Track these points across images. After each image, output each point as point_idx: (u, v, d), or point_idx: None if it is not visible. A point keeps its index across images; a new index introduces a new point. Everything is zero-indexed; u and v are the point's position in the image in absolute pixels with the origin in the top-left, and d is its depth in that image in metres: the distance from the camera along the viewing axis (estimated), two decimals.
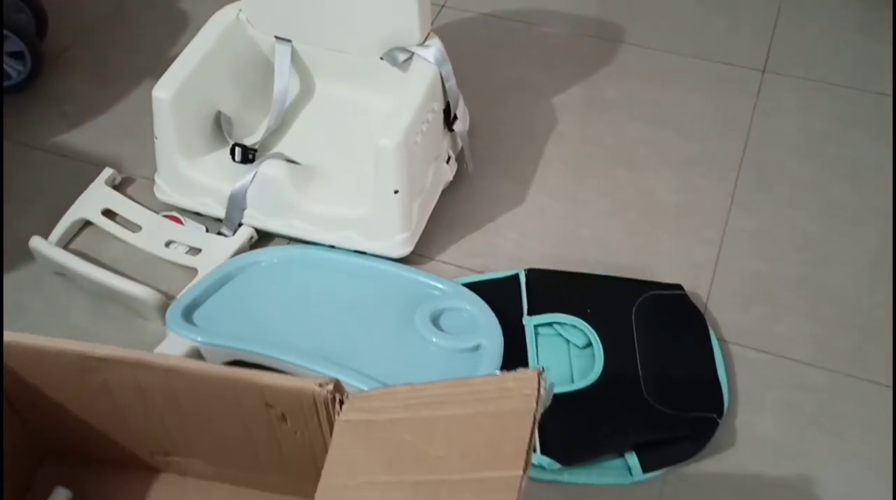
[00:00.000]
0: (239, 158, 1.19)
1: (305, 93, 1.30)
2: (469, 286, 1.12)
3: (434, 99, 1.14)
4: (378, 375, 1.00)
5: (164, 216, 1.22)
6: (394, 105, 1.10)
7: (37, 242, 1.15)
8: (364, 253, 1.16)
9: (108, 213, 1.22)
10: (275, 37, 1.24)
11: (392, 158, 1.06)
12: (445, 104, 1.18)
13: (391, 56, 1.17)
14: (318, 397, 0.72)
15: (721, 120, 1.37)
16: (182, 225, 1.21)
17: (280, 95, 1.24)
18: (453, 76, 1.17)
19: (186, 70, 1.15)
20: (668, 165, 1.31)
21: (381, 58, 1.19)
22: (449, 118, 1.19)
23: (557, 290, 1.12)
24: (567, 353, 1.08)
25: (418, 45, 1.15)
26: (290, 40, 1.23)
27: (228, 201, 1.17)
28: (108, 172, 1.26)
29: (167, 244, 1.18)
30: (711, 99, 1.40)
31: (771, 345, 1.10)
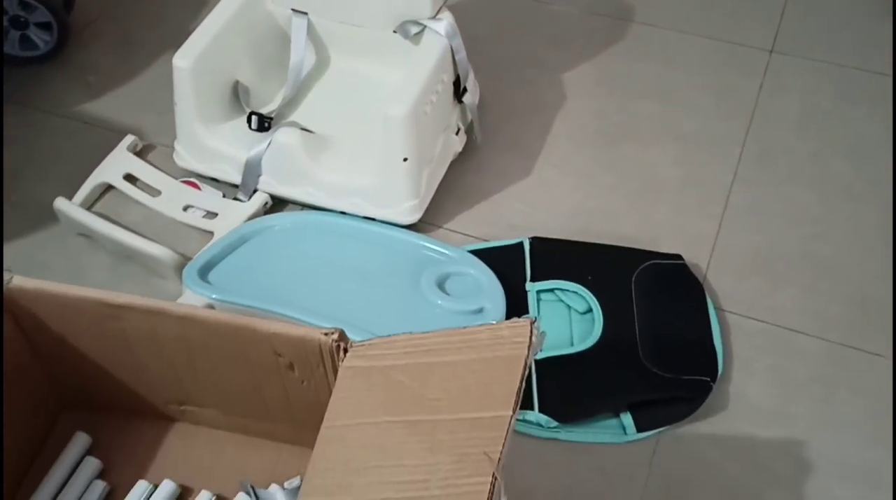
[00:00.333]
0: (255, 127, 1.23)
1: (320, 65, 1.33)
2: (475, 253, 1.15)
3: (444, 70, 1.17)
4: (384, 333, 1.03)
5: (183, 182, 1.26)
6: (405, 77, 1.14)
7: (61, 202, 1.20)
8: (374, 220, 1.20)
9: (130, 177, 1.27)
10: (291, 10, 1.27)
11: (401, 127, 1.10)
12: (455, 76, 1.21)
13: (403, 29, 1.21)
14: (324, 345, 0.76)
15: (727, 98, 1.40)
16: (199, 190, 1.25)
17: (296, 67, 1.28)
18: (464, 49, 1.20)
19: (206, 40, 1.19)
20: (673, 141, 1.34)
21: (395, 31, 1.23)
22: (459, 90, 1.23)
23: (560, 257, 1.16)
24: (568, 318, 1.12)
25: (430, 18, 1.19)
26: (307, 13, 1.27)
27: (244, 168, 1.21)
28: (130, 138, 1.31)
29: (185, 208, 1.23)
30: (718, 77, 1.43)
31: (767, 314, 1.14)
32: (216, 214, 1.21)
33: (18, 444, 0.88)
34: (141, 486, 0.86)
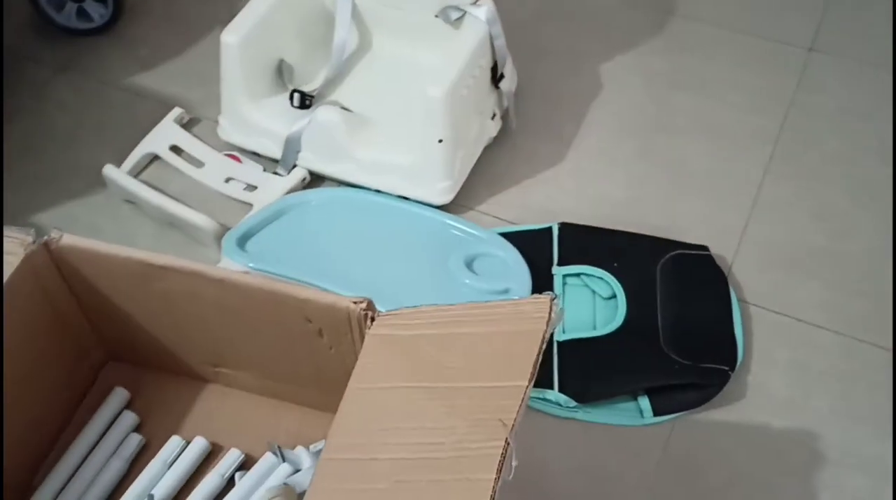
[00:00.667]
0: (297, 104, 1.27)
1: (363, 47, 1.37)
2: (504, 236, 1.18)
3: (482, 55, 1.20)
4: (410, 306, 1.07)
5: (225, 155, 1.31)
6: (444, 60, 1.17)
7: (110, 169, 1.25)
8: (407, 199, 1.23)
9: (175, 149, 1.31)
10: None
11: (439, 107, 1.13)
12: (493, 62, 1.24)
13: (445, 13, 1.24)
14: (353, 313, 0.79)
15: (763, 94, 1.40)
16: (241, 164, 1.29)
17: (339, 47, 1.31)
18: (503, 36, 1.23)
19: (254, 18, 1.23)
20: (706, 134, 1.35)
21: (436, 15, 1.26)
22: (496, 76, 1.25)
23: (587, 243, 1.18)
24: (592, 302, 1.14)
25: (471, 4, 1.21)
26: None
27: (285, 144, 1.25)
28: (177, 111, 1.35)
29: (226, 180, 1.27)
30: (756, 74, 1.44)
31: (789, 308, 1.15)
32: (256, 187, 1.25)
33: (63, 393, 0.93)
34: (174, 441, 0.90)
